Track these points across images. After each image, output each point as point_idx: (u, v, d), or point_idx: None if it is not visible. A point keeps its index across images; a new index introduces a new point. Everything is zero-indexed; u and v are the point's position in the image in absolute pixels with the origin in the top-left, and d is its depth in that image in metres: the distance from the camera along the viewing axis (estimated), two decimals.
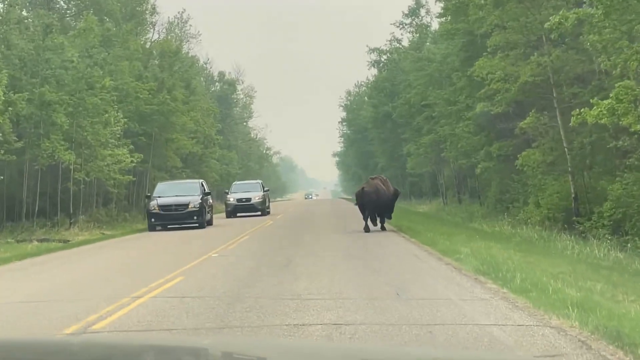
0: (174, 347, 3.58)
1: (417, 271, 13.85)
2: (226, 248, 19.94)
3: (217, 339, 6.22)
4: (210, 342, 4.49)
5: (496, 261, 15.50)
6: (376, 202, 24.51)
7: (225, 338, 7.17)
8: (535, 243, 26.17)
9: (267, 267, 14.92)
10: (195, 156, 62.74)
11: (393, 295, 10.82)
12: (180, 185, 32.81)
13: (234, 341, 5.46)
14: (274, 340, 7.29)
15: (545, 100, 30.86)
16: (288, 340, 7.54)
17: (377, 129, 75.45)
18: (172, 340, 5.81)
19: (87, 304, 10.67)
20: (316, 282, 12.39)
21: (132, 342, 4.55)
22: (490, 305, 9.93)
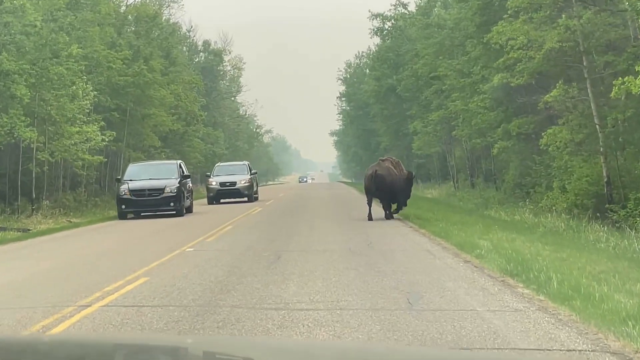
0: (153, 346, 3.57)
1: (431, 271, 12.55)
2: (204, 240, 18.63)
3: (201, 338, 6.28)
4: (193, 341, 4.47)
5: (523, 258, 14.29)
6: (390, 187, 23.33)
7: (210, 337, 7.23)
8: (563, 234, 25.01)
9: (251, 265, 13.61)
10: (176, 134, 61.41)
11: (404, 305, 9.52)
12: (155, 166, 31.38)
13: (218, 340, 5.41)
14: (262, 339, 7.31)
15: (573, 71, 29.52)
16: (278, 340, 7.49)
17: (379, 104, 73.96)
18: (152, 339, 5.64)
19: (19, 314, 9.37)
20: (308, 286, 11.09)
21: (107, 340, 4.49)
22: (527, 318, 8.63)
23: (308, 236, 19.32)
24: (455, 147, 54.66)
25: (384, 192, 23.22)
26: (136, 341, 4.31)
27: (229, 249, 16.62)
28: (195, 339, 5.51)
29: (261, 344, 4.47)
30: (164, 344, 3.91)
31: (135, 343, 3.87)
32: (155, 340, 4.69)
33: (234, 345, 3.86)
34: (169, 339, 5.78)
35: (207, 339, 6.50)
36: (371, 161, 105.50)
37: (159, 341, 4.42)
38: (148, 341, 4.27)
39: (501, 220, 29.21)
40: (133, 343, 3.86)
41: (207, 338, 6.92)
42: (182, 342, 4.31)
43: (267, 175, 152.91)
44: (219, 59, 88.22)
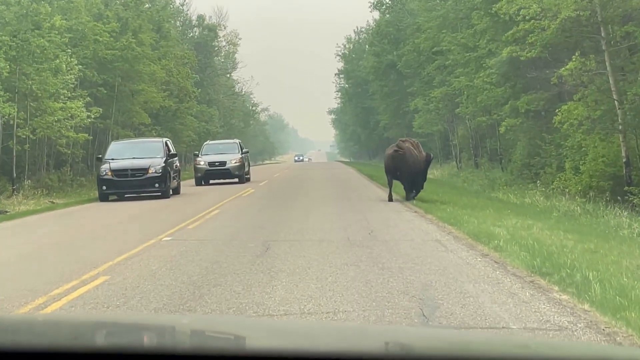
0: (144, 325, 3.61)
1: (445, 269, 10.69)
2: (186, 227, 16.75)
3: (196, 318, 6.27)
4: (188, 321, 4.13)
5: (548, 250, 12.50)
6: (411, 167, 22.44)
7: (205, 317, 7.20)
8: (580, 219, 23.25)
9: (234, 260, 11.75)
10: (168, 112, 59.41)
11: (417, 318, 7.67)
12: (139, 145, 29.34)
13: (213, 320, 5.19)
14: (258, 319, 7.35)
15: (589, 42, 27.60)
16: (274, 320, 7.48)
17: (379, 81, 71.84)
18: (144, 318, 5.80)
19: None
20: (299, 289, 9.24)
21: (101, 319, 4.62)
22: (577, 340, 6.78)
23: (302, 222, 17.46)
24: (458, 125, 52.73)
25: (404, 172, 22.41)
26: (127, 320, 4.39)
27: (212, 238, 14.74)
28: (190, 319, 5.41)
29: (257, 324, 4.47)
30: (156, 323, 3.93)
31: (126, 322, 3.91)
32: (147, 319, 4.79)
33: (228, 325, 3.74)
34: (162, 318, 5.81)
35: (203, 318, 6.55)
36: (370, 140, 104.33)
37: (150, 320, 4.50)
38: (139, 320, 4.38)
39: (511, 204, 27.40)
40: (124, 322, 3.89)
41: (202, 317, 7.00)
42: (176, 321, 4.21)
43: (264, 155, 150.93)
44: (213, 34, 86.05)
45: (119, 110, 48.92)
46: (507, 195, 31.48)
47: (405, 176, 22.59)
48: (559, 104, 35.32)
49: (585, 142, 28.96)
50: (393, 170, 22.51)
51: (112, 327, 3.45)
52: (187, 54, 63.96)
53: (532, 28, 27.35)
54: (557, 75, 27.69)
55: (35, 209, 26.28)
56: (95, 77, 43.73)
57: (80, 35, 42.86)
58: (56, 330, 3.21)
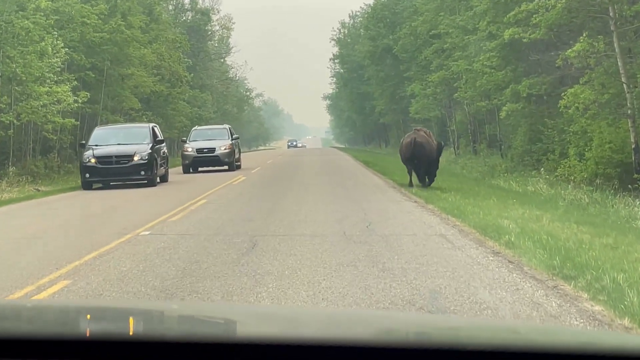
0: (136, 310, 3.61)
1: (454, 270, 9.39)
2: (168, 219, 15.41)
3: (187, 305, 6.17)
4: (178, 307, 4.51)
5: (564, 246, 11.25)
6: (428, 156, 22.71)
7: (195, 304, 7.06)
8: (588, 209, 21.97)
9: (216, 259, 10.44)
10: (159, 97, 57.95)
11: None
12: (125, 130, 27.90)
13: (204, 307, 5.39)
14: (248, 305, 7.32)
15: (597, 23, 26.25)
16: (264, 305, 7.37)
17: (375, 66, 70.32)
18: (135, 303, 5.87)
19: None
20: (288, 297, 7.95)
21: (91, 305, 4.58)
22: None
23: (294, 214, 16.14)
24: (456, 110, 51.38)
25: (422, 160, 22.59)
26: (118, 306, 4.36)
27: (195, 232, 13.41)
28: (180, 305, 5.45)
29: (246, 309, 4.57)
30: (148, 308, 3.96)
31: (116, 308, 3.89)
32: (138, 304, 4.87)
33: (217, 312, 3.76)
34: (151, 304, 5.78)
35: (193, 305, 6.59)
36: (365, 126, 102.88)
37: (145, 306, 4.56)
38: (128, 305, 4.44)
39: (514, 192, 26.13)
40: (114, 308, 3.88)
41: (192, 304, 7.01)
42: (166, 307, 4.26)
43: (258, 140, 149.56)
44: (206, 18, 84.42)
45: (108, 95, 47.53)
46: (509, 183, 30.20)
47: (422, 165, 22.70)
48: (562, 88, 34.03)
49: (591, 128, 27.66)
50: (411, 159, 22.60)
51: (101, 312, 3.41)
52: (179, 38, 62.45)
53: (537, 8, 25.98)
54: (561, 57, 26.35)
55: (18, 197, 24.95)
56: (83, 60, 42.30)
57: (67, 17, 41.42)
58: (45, 317, 3.17)
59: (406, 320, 3.63)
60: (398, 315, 5.65)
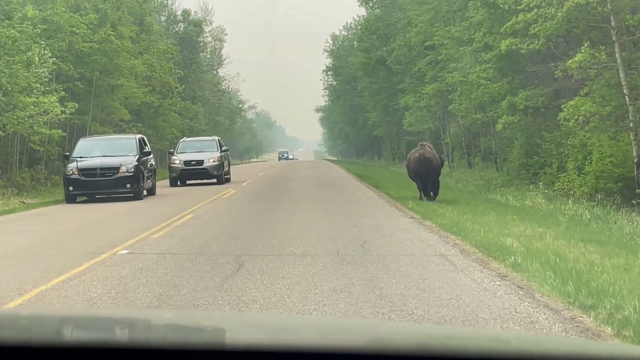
0: (128, 319, 3.54)
1: (458, 298, 8.45)
2: (150, 236, 14.43)
3: (178, 313, 6.10)
4: (172, 315, 4.45)
5: (575, 268, 10.40)
6: (435, 170, 23.20)
7: (187, 312, 7.03)
8: (590, 225, 21.07)
9: (197, 282, 9.48)
10: (150, 108, 57.00)
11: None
12: (110, 142, 26.86)
13: (196, 315, 5.26)
14: (238, 314, 7.27)
15: (598, 33, 25.42)
16: (255, 314, 7.42)
17: (368, 77, 69.44)
18: (126, 312, 5.67)
19: None
20: None
21: (83, 314, 4.46)
22: None
23: (284, 230, 15.19)
24: (451, 123, 50.52)
25: (430, 175, 23.00)
26: (113, 315, 4.31)
27: (177, 250, 12.44)
28: (172, 314, 5.41)
29: (236, 317, 4.60)
30: (139, 317, 3.88)
31: (112, 317, 3.86)
32: (130, 314, 4.73)
33: (207, 320, 3.72)
34: (144, 313, 5.71)
35: (184, 313, 6.60)
36: (358, 138, 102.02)
37: (137, 315, 4.45)
38: (123, 314, 4.34)
39: (511, 207, 25.21)
40: (110, 316, 3.87)
41: (183, 312, 7.02)
42: (156, 316, 4.22)
43: (251, 153, 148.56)
44: (199, 29, 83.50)
45: (97, 106, 46.57)
46: (506, 197, 29.30)
47: (430, 179, 23.11)
48: (560, 100, 33.22)
49: (591, 141, 26.79)
50: (419, 174, 22.91)
51: (87, 321, 3.42)
52: (170, 49, 61.48)
53: (535, 18, 25.13)
54: (560, 68, 25.48)
55: (2, 210, 23.94)
56: (72, 70, 41.36)
57: (55, 26, 40.51)
58: (40, 325, 3.18)
59: (398, 329, 3.63)
60: (389, 324, 5.71)
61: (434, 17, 45.28)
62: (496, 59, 33.96)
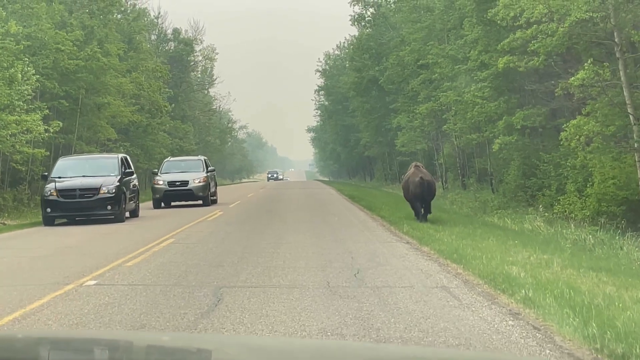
0: (108, 341, 3.54)
1: (467, 342, 7.31)
2: (124, 263, 13.21)
3: (175, 336, 5.84)
4: (169, 338, 4.24)
5: (593, 303, 9.31)
6: (433, 191, 23.40)
7: (182, 335, 6.64)
8: (595, 251, 19.99)
9: (168, 321, 8.30)
10: (139, 127, 55.81)
11: None
12: (91, 161, 25.59)
13: (193, 338, 4.75)
14: (237, 337, 6.87)
15: (600, 49, 24.40)
16: (255, 337, 7.04)
17: (360, 97, 68.35)
18: (108, 334, 5.63)
19: None
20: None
21: (61, 336, 4.44)
22: None
23: (271, 257, 14.01)
24: (444, 143, 49.44)
25: (430, 196, 23.21)
26: (85, 336, 4.30)
27: (151, 281, 11.24)
28: (157, 335, 5.40)
29: (236, 342, 4.30)
30: (119, 338, 3.91)
31: (83, 338, 3.79)
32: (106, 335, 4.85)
33: (196, 341, 3.66)
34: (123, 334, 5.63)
35: (180, 335, 6.27)
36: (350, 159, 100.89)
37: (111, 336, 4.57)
38: (96, 336, 4.38)
39: (510, 231, 24.10)
40: (79, 338, 3.79)
41: (179, 335, 6.62)
42: (160, 340, 4.00)
43: (242, 173, 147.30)
44: (189, 48, 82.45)
45: (83, 124, 45.34)
46: (504, 220, 28.17)
47: (428, 200, 23.22)
48: (558, 120, 32.19)
49: (592, 162, 25.71)
50: (420, 197, 22.88)
51: (72, 343, 3.35)
52: (159, 67, 60.35)
53: (535, 33, 24.09)
54: (561, 86, 24.44)
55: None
56: (57, 88, 40.22)
57: (40, 43, 39.38)
58: (16, 346, 3.12)
59: (401, 353, 3.60)
60: (390, 347, 5.59)
61: (428, 35, 44.28)
62: (492, 78, 32.95)
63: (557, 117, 33.51)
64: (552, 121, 33.36)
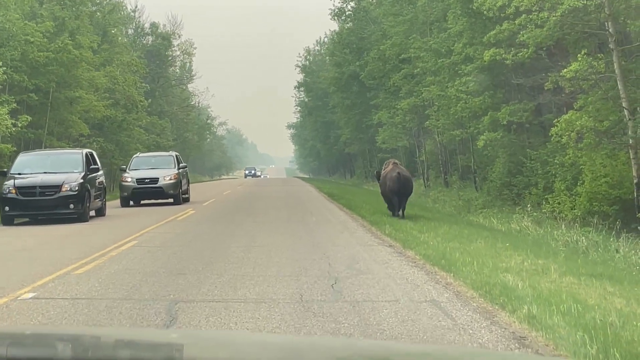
0: (73, 336, 3.36)
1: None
2: (73, 271, 11.71)
3: (135, 331, 5.81)
4: (124, 332, 4.35)
5: (608, 322, 8.04)
6: (411, 188, 23.21)
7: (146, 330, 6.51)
8: (590, 254, 18.72)
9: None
10: (114, 122, 54.13)
11: None
12: (53, 157, 23.95)
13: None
14: (243, 333, 6.83)
15: (592, 41, 23.09)
16: (260, 334, 6.86)
17: (340, 93, 66.91)
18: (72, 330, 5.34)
19: None
20: None
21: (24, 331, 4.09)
22: None
23: (240, 263, 12.57)
24: (426, 140, 48.09)
25: (407, 192, 22.99)
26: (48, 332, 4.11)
27: (97, 294, 9.76)
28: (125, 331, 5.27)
29: (242, 338, 4.07)
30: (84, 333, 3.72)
31: (47, 333, 3.67)
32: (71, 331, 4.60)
33: (166, 337, 3.60)
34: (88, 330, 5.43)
35: (139, 330, 6.23)
36: (330, 156, 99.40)
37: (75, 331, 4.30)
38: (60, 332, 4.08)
39: (498, 231, 22.79)
40: (43, 333, 3.66)
41: (138, 330, 6.59)
42: (109, 332, 4.13)
43: (221, 169, 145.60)
44: (167, 42, 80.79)
45: (54, 119, 43.70)
46: (489, 220, 26.87)
47: (405, 198, 23.00)
48: (546, 116, 30.94)
49: (582, 160, 24.41)
50: (397, 192, 22.57)
51: (36, 338, 3.24)
52: (135, 61, 58.66)
53: (525, 23, 22.75)
54: (551, 80, 23.13)
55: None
56: (26, 81, 38.61)
57: (8, 34, 37.74)
58: None
59: (408, 350, 3.42)
60: (397, 345, 5.38)
61: (410, 28, 42.90)
62: (477, 72, 31.64)
63: (543, 113, 32.27)
64: (538, 117, 32.12)
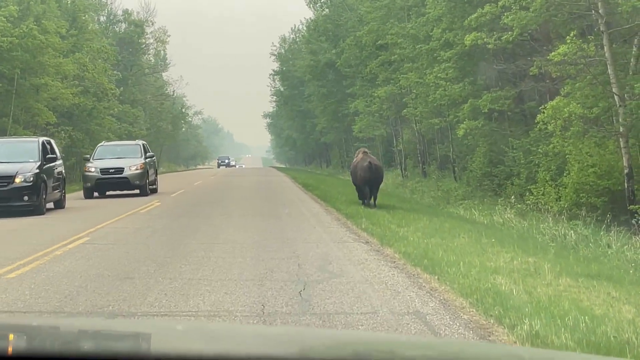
0: (29, 327, 3.32)
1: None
2: (5, 275, 10.23)
3: (98, 320, 5.84)
4: (86, 322, 4.19)
5: (624, 340, 6.74)
6: (382, 178, 23.49)
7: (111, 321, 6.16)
8: (580, 249, 17.46)
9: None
10: (83, 111, 52.37)
11: None
12: (6, 146, 22.30)
13: (120, 322, 4.93)
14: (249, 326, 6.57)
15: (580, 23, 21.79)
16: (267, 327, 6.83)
17: (316, 81, 65.38)
18: (30, 319, 5.49)
19: None
20: None
21: None
22: None
23: (199, 264, 11.14)
24: (404, 128, 46.75)
25: (378, 181, 22.86)
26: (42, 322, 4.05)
27: (24, 305, 8.28)
28: (86, 320, 5.24)
29: (247, 331, 4.12)
30: (42, 323, 3.65)
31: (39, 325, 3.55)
32: (27, 320, 4.83)
33: (135, 327, 3.52)
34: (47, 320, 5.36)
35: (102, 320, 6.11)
36: (306, 145, 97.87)
37: (33, 321, 4.31)
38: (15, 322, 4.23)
39: (480, 225, 21.46)
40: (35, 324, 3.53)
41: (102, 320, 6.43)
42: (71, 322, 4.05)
43: (196, 159, 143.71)
44: (140, 30, 78.87)
45: (19, 107, 41.95)
46: (471, 212, 25.56)
47: (377, 185, 22.88)
48: (528, 103, 29.71)
49: (568, 148, 23.12)
50: (368, 181, 22.37)
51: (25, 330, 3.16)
52: (105, 48, 56.82)
53: (509, 4, 21.39)
54: (537, 64, 21.80)
55: None
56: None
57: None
58: None
59: (414, 343, 3.31)
60: (402, 338, 5.16)
61: (387, 14, 41.49)
62: (457, 58, 30.30)
63: (525, 101, 31.03)
64: (520, 105, 30.86)
